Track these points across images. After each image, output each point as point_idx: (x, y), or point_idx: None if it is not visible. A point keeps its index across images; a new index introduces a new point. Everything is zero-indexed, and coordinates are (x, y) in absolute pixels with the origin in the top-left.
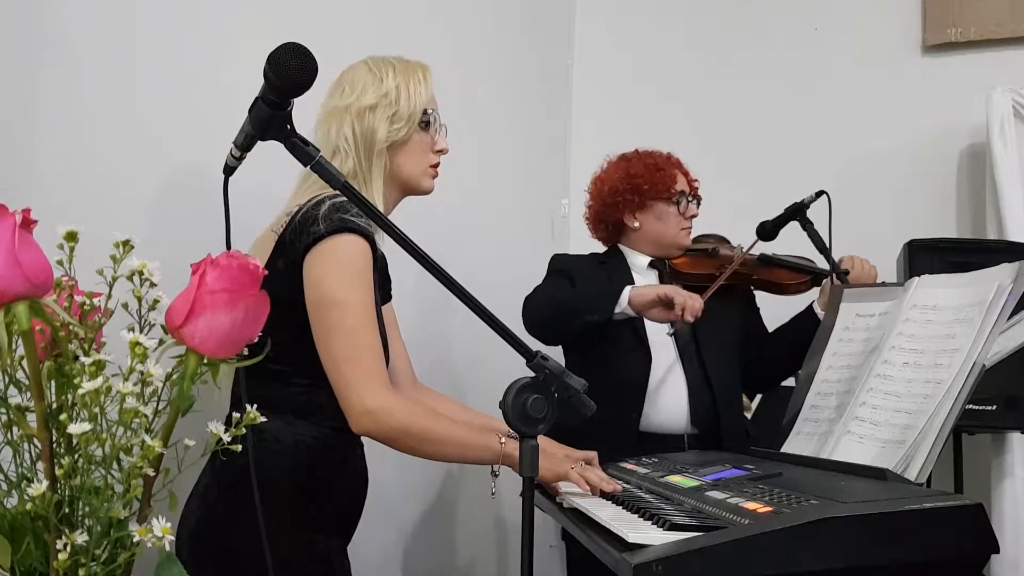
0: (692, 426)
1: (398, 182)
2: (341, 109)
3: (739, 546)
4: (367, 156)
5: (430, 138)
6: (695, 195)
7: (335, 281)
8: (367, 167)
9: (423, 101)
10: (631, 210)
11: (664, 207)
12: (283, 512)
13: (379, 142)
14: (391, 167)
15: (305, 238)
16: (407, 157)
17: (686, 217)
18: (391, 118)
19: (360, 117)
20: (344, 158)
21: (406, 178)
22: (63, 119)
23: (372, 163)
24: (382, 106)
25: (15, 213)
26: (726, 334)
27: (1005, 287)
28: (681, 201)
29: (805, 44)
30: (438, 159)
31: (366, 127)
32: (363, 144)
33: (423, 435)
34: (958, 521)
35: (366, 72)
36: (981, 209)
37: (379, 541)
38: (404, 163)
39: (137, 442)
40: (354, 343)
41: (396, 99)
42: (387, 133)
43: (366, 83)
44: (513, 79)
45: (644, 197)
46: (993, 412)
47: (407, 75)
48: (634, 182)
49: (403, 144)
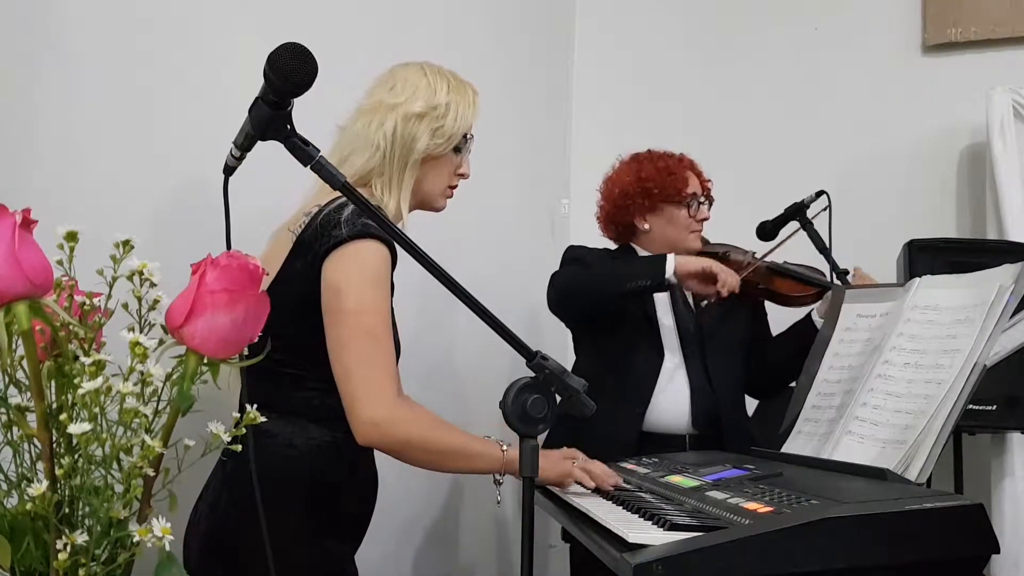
0: (693, 427)
1: (417, 195)
2: (388, 106)
3: (739, 546)
4: (401, 160)
5: (459, 160)
6: (707, 197)
7: (353, 288)
8: (399, 171)
9: (468, 124)
10: (641, 212)
11: (674, 210)
12: (296, 519)
13: (417, 151)
14: (418, 178)
15: (326, 241)
16: (433, 173)
17: (697, 220)
18: (434, 132)
19: (406, 121)
20: (374, 153)
21: (425, 194)
22: (63, 119)
23: (406, 169)
24: (430, 117)
25: (15, 213)
26: (732, 339)
27: (1006, 288)
28: (692, 204)
29: (805, 44)
30: (457, 182)
31: (408, 132)
32: (400, 147)
33: (427, 446)
34: (958, 521)
35: (421, 77)
36: (981, 209)
37: (380, 541)
38: (429, 179)
39: (137, 442)
40: (367, 352)
41: (444, 115)
42: (427, 145)
43: (418, 89)
44: (513, 79)
45: (654, 200)
46: (993, 412)
47: (460, 94)
48: (644, 185)
49: (435, 160)
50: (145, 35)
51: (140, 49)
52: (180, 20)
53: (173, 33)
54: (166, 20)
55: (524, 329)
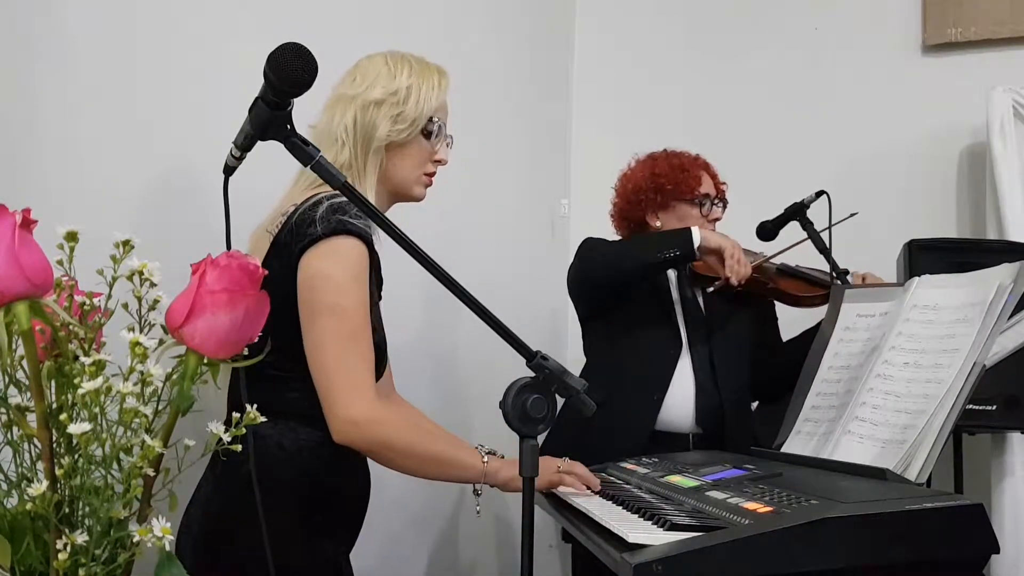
0: (697, 425)
1: (389, 185)
2: (348, 98)
3: (739, 546)
4: (363, 150)
5: (431, 146)
6: (721, 198)
7: (330, 285)
8: (362, 162)
9: (431, 107)
10: (654, 209)
11: (687, 208)
12: (289, 521)
13: (377, 139)
14: (385, 167)
15: (301, 239)
16: (402, 161)
17: (708, 220)
18: (395, 118)
19: (364, 109)
20: (340, 148)
21: (397, 182)
22: (62, 119)
23: (368, 159)
24: (388, 103)
25: (15, 213)
26: (739, 338)
27: (1005, 287)
28: (704, 203)
29: (805, 44)
30: (434, 169)
31: (367, 121)
32: (361, 137)
33: (406, 450)
34: (958, 521)
35: (381, 65)
36: (981, 209)
37: (379, 540)
38: (398, 167)
39: (137, 442)
40: (345, 350)
41: (404, 99)
42: (387, 132)
43: (378, 76)
44: (513, 79)
45: (667, 197)
46: (993, 412)
47: (422, 77)
48: (658, 182)
49: (401, 147)
50: (145, 35)
51: (140, 49)
52: (180, 20)
53: (173, 33)
54: (166, 20)
55: (524, 329)
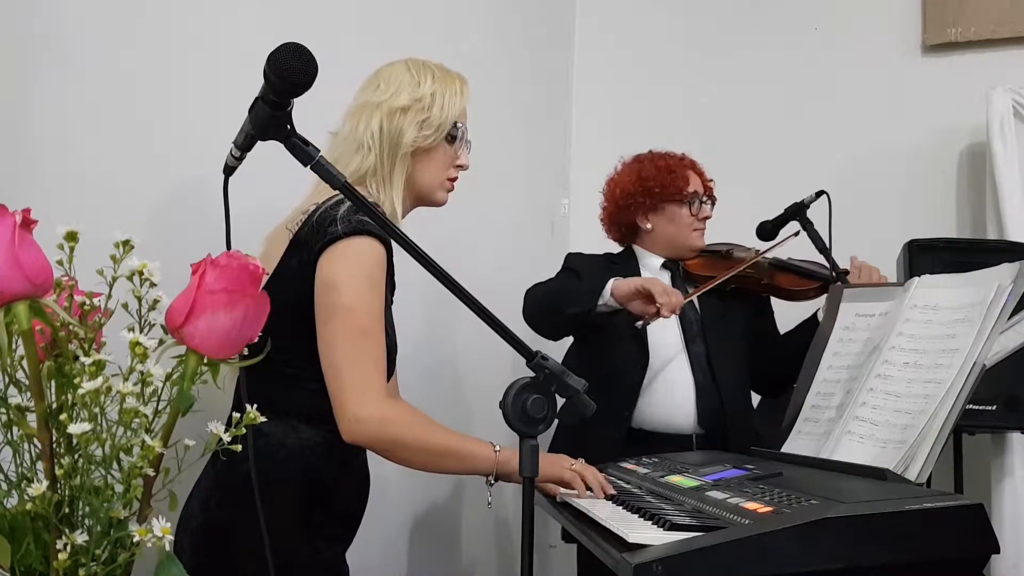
0: (699, 426)
1: (414, 189)
2: (373, 105)
3: (739, 546)
4: (391, 156)
5: (454, 151)
6: (710, 196)
7: (346, 284)
8: (389, 167)
9: (455, 113)
10: (643, 212)
11: (676, 209)
12: (288, 519)
13: (404, 145)
14: (411, 172)
15: (321, 238)
16: (427, 166)
17: (699, 219)
18: (421, 124)
19: (391, 116)
20: (367, 154)
21: (422, 187)
22: (63, 119)
23: (395, 165)
24: (414, 110)
25: (15, 213)
26: (736, 336)
27: (1005, 287)
28: (694, 203)
29: (805, 44)
30: (457, 173)
31: (394, 127)
32: (388, 143)
33: (417, 446)
34: (958, 521)
35: (404, 72)
36: (981, 209)
37: (379, 540)
38: (423, 172)
39: (137, 442)
40: (357, 349)
41: (429, 105)
42: (414, 138)
43: (402, 83)
44: (513, 79)
45: (656, 199)
46: (993, 412)
47: (444, 84)
48: (646, 184)
49: (426, 152)
50: (145, 35)
51: (140, 49)
52: (180, 20)
53: (173, 33)
54: (166, 20)
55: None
